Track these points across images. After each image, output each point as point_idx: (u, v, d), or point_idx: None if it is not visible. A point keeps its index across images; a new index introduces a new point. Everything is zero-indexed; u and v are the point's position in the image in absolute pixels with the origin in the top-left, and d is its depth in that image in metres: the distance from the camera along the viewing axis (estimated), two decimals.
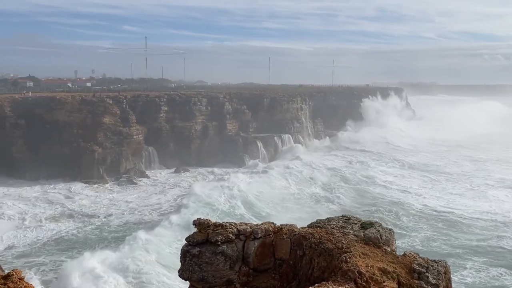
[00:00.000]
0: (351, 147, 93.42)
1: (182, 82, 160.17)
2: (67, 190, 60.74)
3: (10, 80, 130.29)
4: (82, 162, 66.21)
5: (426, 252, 34.53)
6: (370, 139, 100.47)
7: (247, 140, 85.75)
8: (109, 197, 58.53)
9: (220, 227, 10.59)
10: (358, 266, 8.45)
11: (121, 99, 77.51)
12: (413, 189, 59.71)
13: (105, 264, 31.92)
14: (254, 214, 48.41)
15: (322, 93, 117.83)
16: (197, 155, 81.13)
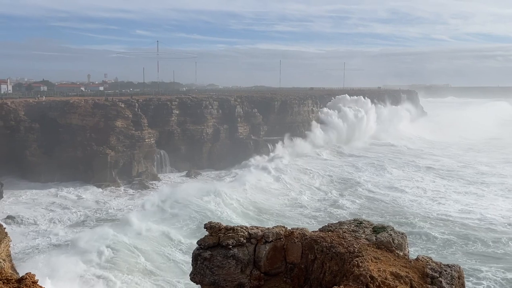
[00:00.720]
0: (363, 151, 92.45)
1: (194, 86, 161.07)
2: (79, 192, 61.26)
3: (25, 85, 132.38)
4: (94, 165, 66.74)
5: (441, 257, 34.09)
6: (382, 142, 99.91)
7: (258, 143, 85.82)
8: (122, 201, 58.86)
9: (231, 231, 10.61)
10: (370, 271, 8.39)
11: (133, 102, 78.12)
12: (428, 192, 58.76)
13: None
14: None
15: (333, 96, 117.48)
16: (208, 158, 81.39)
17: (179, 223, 45.65)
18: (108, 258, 35.76)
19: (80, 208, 54.45)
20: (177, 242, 40.70)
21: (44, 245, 42.20)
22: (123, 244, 38.23)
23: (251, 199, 55.40)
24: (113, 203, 57.76)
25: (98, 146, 68.19)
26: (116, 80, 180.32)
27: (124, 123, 72.92)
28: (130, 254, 37.13)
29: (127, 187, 65.89)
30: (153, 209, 49.00)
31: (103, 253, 36.03)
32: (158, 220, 45.53)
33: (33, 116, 69.63)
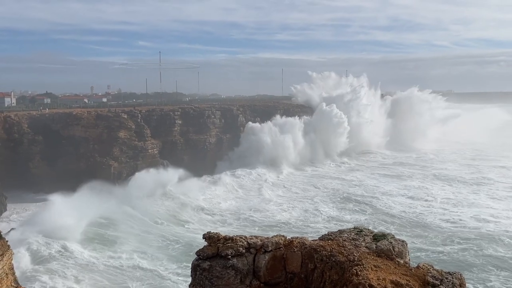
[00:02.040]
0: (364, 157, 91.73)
1: (196, 96, 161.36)
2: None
3: (28, 97, 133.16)
4: (98, 176, 66.78)
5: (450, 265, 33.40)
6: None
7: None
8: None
9: (230, 241, 10.55)
10: (369, 279, 8.29)
11: (136, 113, 78.43)
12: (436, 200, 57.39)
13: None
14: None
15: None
16: (212, 167, 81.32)
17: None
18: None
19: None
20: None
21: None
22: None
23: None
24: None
25: (101, 157, 68.43)
26: (119, 91, 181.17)
27: (127, 134, 73.20)
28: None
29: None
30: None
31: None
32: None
33: (36, 128, 69.99)
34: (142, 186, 58.12)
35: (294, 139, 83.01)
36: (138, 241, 42.45)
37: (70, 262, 36.61)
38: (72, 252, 38.44)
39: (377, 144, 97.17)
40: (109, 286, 33.21)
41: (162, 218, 50.21)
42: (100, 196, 51.56)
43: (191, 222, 49.99)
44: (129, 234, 44.27)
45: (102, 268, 36.01)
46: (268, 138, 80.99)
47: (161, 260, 37.95)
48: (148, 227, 47.28)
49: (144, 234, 44.84)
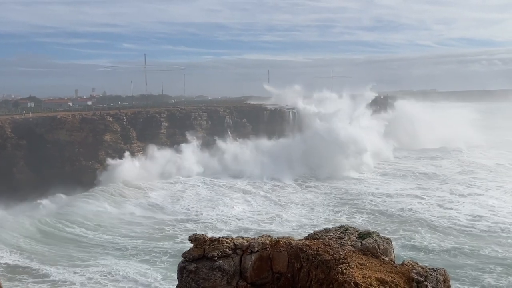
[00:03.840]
0: None
1: (183, 98, 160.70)
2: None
3: (11, 101, 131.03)
4: (84, 180, 66.18)
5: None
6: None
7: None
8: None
9: (216, 242, 10.51)
10: (355, 277, 8.33)
11: (121, 116, 77.85)
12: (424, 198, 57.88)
13: None
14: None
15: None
16: None
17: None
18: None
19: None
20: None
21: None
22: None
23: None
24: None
25: (87, 161, 67.75)
26: (104, 94, 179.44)
27: (113, 137, 72.62)
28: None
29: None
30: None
31: None
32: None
33: (20, 133, 68.98)
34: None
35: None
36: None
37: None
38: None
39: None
40: None
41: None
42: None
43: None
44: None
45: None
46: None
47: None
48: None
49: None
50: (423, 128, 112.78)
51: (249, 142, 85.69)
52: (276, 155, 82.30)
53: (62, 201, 58.39)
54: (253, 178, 73.01)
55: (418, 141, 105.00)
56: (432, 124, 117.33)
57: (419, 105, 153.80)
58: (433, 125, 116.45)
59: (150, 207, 58.29)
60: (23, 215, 52.26)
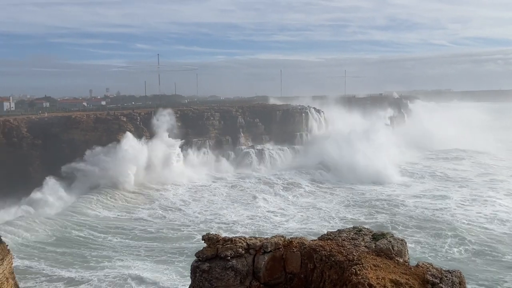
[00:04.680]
0: None
1: (195, 98, 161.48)
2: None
3: (27, 101, 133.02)
4: None
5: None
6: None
7: (261, 153, 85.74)
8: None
9: (229, 242, 10.54)
10: (369, 279, 8.29)
11: (135, 116, 78.44)
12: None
13: None
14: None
15: (336, 103, 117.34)
16: None
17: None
18: None
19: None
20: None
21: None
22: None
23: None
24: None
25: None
26: (118, 94, 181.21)
27: None
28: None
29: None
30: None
31: None
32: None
33: (36, 132, 69.85)
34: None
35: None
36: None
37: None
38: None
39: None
40: None
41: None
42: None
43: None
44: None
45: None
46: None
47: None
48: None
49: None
50: (437, 129, 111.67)
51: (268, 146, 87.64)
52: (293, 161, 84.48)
53: (71, 202, 58.82)
54: (269, 180, 73.31)
55: (433, 142, 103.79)
56: (446, 124, 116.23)
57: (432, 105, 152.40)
58: (447, 126, 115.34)
59: (164, 208, 58.50)
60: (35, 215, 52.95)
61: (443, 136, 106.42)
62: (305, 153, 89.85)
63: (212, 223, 50.89)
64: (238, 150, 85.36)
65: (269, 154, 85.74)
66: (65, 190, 61.42)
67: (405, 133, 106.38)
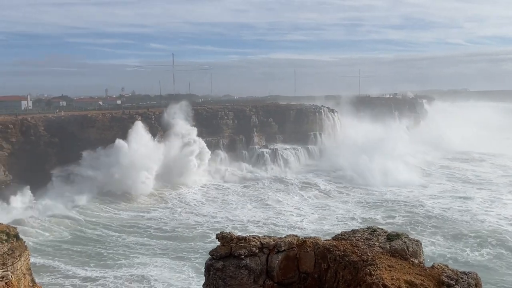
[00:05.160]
0: None
1: (209, 97, 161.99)
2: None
3: (44, 100, 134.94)
4: None
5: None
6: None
7: (274, 153, 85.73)
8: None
9: (243, 241, 10.58)
10: (383, 279, 8.24)
11: (149, 115, 79.04)
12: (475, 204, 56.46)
13: None
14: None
15: (350, 103, 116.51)
16: None
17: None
18: None
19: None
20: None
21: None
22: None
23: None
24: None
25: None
26: (133, 93, 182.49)
27: None
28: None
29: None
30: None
31: None
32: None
33: (53, 130, 70.85)
34: None
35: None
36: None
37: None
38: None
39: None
40: None
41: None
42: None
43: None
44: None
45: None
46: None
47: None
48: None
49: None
50: (454, 129, 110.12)
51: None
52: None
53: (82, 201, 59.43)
54: (284, 179, 73.35)
55: (450, 143, 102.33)
56: (463, 125, 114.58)
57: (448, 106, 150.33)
58: (465, 127, 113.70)
59: (178, 207, 58.87)
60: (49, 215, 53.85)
61: (460, 137, 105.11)
62: (320, 154, 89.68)
63: (226, 222, 51.20)
64: (251, 149, 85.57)
65: (283, 154, 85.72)
66: (76, 190, 61.79)
67: (422, 134, 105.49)
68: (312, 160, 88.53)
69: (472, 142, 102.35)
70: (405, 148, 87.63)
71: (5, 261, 21.61)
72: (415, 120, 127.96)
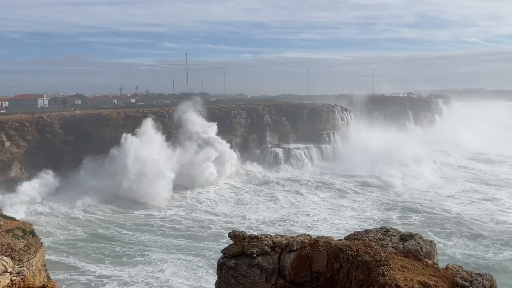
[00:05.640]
0: None
1: (222, 96, 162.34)
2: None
3: (60, 99, 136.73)
4: None
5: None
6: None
7: (287, 152, 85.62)
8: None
9: (255, 239, 10.59)
10: (396, 280, 8.18)
11: (163, 114, 79.51)
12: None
13: None
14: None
15: (364, 102, 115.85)
16: None
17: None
18: None
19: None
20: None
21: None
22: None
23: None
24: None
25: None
26: (147, 92, 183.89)
27: None
28: None
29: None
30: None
31: None
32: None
33: (68, 129, 71.73)
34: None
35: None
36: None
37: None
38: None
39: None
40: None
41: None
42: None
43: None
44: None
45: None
46: None
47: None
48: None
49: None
50: (472, 130, 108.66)
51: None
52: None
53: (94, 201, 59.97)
54: (297, 179, 73.23)
55: (468, 144, 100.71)
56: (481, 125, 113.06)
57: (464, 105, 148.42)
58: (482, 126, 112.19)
59: (192, 207, 59.09)
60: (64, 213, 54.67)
61: (477, 138, 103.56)
62: (333, 154, 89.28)
63: (241, 221, 51.33)
64: (264, 148, 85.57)
65: (296, 153, 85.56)
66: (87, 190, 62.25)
67: (437, 134, 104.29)
68: (326, 159, 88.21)
69: (489, 142, 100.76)
70: (421, 149, 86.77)
71: (21, 257, 22.00)
72: (430, 120, 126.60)
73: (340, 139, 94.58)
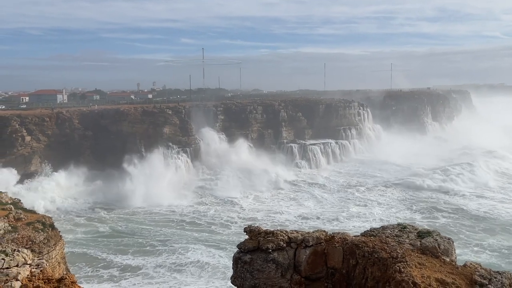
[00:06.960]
0: None
1: (238, 91, 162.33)
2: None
3: (79, 94, 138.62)
4: None
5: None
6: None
7: (303, 147, 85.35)
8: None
9: (271, 235, 10.60)
10: (413, 277, 8.10)
11: (180, 109, 79.98)
12: None
13: None
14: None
15: (381, 98, 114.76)
16: None
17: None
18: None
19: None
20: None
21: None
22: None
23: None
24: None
25: (147, 152, 70.23)
26: (164, 87, 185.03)
27: (172, 129, 74.80)
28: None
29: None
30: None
31: None
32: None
33: (87, 124, 72.67)
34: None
35: None
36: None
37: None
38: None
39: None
40: None
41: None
42: None
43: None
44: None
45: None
46: None
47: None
48: None
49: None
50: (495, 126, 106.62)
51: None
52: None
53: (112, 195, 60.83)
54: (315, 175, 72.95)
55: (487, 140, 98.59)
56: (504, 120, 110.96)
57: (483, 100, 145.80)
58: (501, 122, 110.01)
59: (212, 203, 59.34)
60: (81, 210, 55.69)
61: (499, 133, 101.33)
62: (352, 149, 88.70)
63: (260, 217, 51.38)
64: (280, 144, 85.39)
65: (312, 148, 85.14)
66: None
67: (457, 131, 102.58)
68: (344, 155, 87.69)
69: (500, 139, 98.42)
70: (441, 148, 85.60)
71: (40, 249, 22.43)
72: (449, 116, 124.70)
73: (357, 135, 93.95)
